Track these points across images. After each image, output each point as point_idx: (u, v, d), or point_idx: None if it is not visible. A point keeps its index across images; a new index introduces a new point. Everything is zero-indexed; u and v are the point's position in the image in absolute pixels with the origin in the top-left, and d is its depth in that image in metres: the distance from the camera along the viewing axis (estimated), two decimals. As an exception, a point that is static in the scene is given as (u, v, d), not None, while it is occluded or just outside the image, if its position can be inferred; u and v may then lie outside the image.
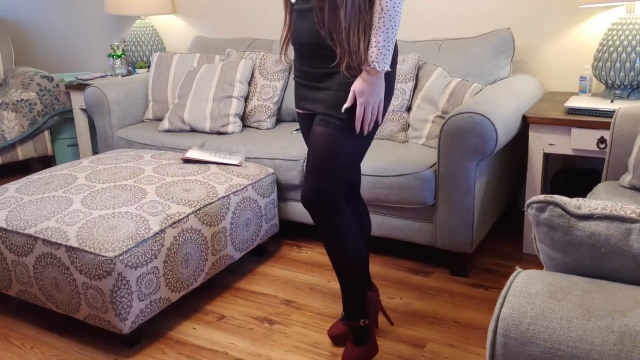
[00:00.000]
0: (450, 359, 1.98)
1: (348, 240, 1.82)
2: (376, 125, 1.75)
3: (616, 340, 0.87)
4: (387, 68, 1.63)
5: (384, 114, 1.76)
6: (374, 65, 1.61)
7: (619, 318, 0.89)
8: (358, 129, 1.70)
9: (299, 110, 1.91)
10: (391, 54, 1.64)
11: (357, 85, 1.66)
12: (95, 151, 4.04)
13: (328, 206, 1.78)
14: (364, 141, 1.78)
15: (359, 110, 1.67)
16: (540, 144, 2.53)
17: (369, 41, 1.62)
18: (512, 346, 0.94)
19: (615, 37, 2.54)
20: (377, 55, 1.61)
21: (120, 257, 1.95)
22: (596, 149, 2.40)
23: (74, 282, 2.02)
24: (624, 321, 0.88)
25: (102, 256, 1.94)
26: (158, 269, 2.08)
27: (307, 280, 2.53)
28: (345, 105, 1.67)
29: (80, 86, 3.84)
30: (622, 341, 0.87)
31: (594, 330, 0.89)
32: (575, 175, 2.85)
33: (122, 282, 1.96)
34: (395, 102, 2.81)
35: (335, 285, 2.47)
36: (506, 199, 2.87)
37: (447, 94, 2.67)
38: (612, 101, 2.51)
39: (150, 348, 2.10)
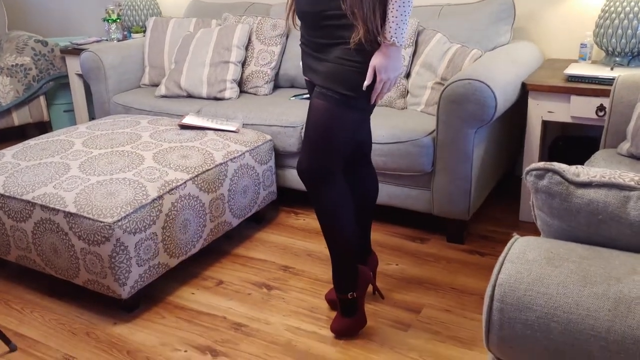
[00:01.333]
0: (445, 323, 2.01)
1: (339, 216, 1.82)
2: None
3: (611, 306, 0.88)
4: (405, 42, 1.62)
5: (366, 99, 1.74)
6: (392, 40, 1.60)
7: (614, 284, 0.90)
8: (373, 100, 1.71)
9: (305, 78, 1.90)
10: (407, 28, 1.62)
11: (377, 61, 1.64)
12: (91, 117, 4.02)
13: (321, 181, 1.77)
14: (363, 115, 1.77)
15: (377, 86, 1.67)
16: (539, 111, 2.53)
17: (384, 14, 1.61)
18: (509, 312, 0.95)
19: (617, 3, 2.51)
20: (396, 30, 1.59)
21: (119, 223, 1.95)
22: (595, 116, 2.39)
23: (73, 247, 2.03)
24: (620, 287, 0.89)
25: (101, 222, 1.94)
26: (156, 235, 2.09)
27: (304, 247, 2.55)
28: (366, 83, 1.66)
29: (76, 51, 3.79)
30: (617, 307, 0.88)
31: (590, 296, 0.90)
32: (573, 143, 2.85)
33: (120, 247, 1.97)
34: (394, 69, 2.79)
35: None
36: (504, 166, 2.87)
37: (446, 60, 2.65)
38: (612, 69, 2.49)
39: (149, 313, 2.13)
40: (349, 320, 1.93)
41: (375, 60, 1.64)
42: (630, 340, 0.86)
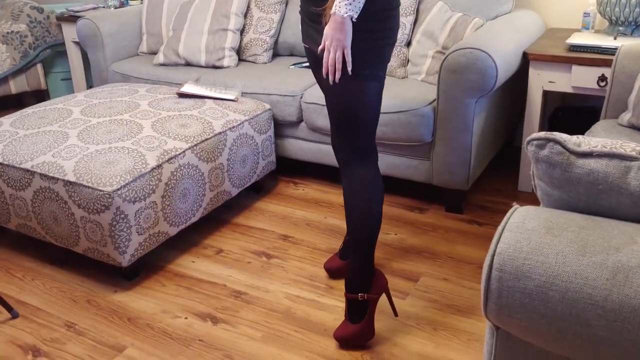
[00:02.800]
0: (443, 292, 2.03)
1: (376, 218, 1.74)
2: (373, 69, 1.66)
3: (609, 276, 0.89)
4: (348, 14, 1.56)
5: (378, 65, 1.66)
6: (334, 10, 1.57)
7: (613, 254, 0.91)
8: (324, 73, 1.62)
9: (305, 45, 1.87)
10: (359, 3, 1.56)
11: (325, 29, 1.62)
12: (89, 85, 3.98)
13: (350, 157, 1.72)
14: (376, 82, 1.69)
15: (324, 54, 1.62)
16: (540, 81, 2.51)
17: None
18: (507, 280, 0.96)
19: (622, -29, 2.47)
20: (340, 1, 1.56)
21: (118, 192, 1.95)
22: (596, 87, 2.37)
23: (73, 216, 2.03)
24: (618, 257, 0.90)
25: (100, 190, 1.94)
26: (156, 204, 2.09)
27: (303, 216, 2.56)
28: (320, 47, 1.63)
29: (72, 18, 3.74)
30: (615, 276, 0.88)
31: (589, 265, 0.91)
32: (573, 113, 2.84)
33: (120, 216, 1.97)
34: (394, 37, 2.76)
35: (331, 221, 2.50)
36: (503, 137, 2.87)
37: (447, 29, 2.62)
38: (615, 38, 2.46)
39: (149, 280, 2.14)
40: (355, 327, 1.76)
41: (325, 28, 1.62)
42: (627, 309, 0.86)
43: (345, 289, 1.78)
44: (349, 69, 1.60)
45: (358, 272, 1.76)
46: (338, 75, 1.60)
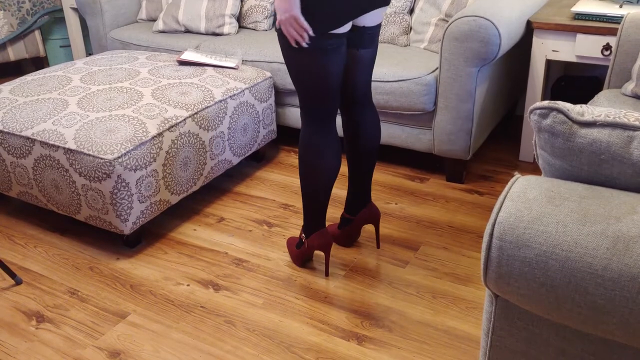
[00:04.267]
0: (443, 260, 2.04)
1: (308, 171, 1.83)
2: (316, 34, 1.63)
3: (609, 245, 0.89)
4: None
5: (325, 26, 1.62)
6: None
7: (613, 223, 0.91)
8: (292, 43, 1.63)
9: None
10: None
11: (275, 3, 1.61)
12: (88, 52, 3.95)
13: (303, 123, 1.82)
14: (312, 54, 1.66)
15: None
16: (544, 50, 2.48)
17: None
18: (508, 249, 0.97)
19: (630, -64, 2.42)
20: None
21: (119, 160, 1.95)
22: (600, 56, 2.35)
23: (74, 184, 2.04)
24: (619, 227, 0.90)
25: (101, 158, 1.94)
26: (157, 172, 2.09)
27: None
28: (277, 23, 1.64)
29: (70, -17, 3.68)
30: (615, 245, 0.89)
31: (589, 234, 0.91)
32: (576, 82, 2.82)
33: (121, 184, 1.98)
34: (397, 4, 2.73)
35: (332, 190, 2.51)
36: (505, 106, 2.85)
37: (451, -4, 2.58)
38: (620, 6, 2.43)
39: (151, 248, 2.16)
40: (294, 249, 2.03)
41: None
42: (626, 278, 0.87)
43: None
44: (310, 32, 1.60)
45: (304, 215, 1.93)
46: (303, 40, 1.61)
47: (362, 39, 1.76)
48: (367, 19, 1.72)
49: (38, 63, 4.05)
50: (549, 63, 2.58)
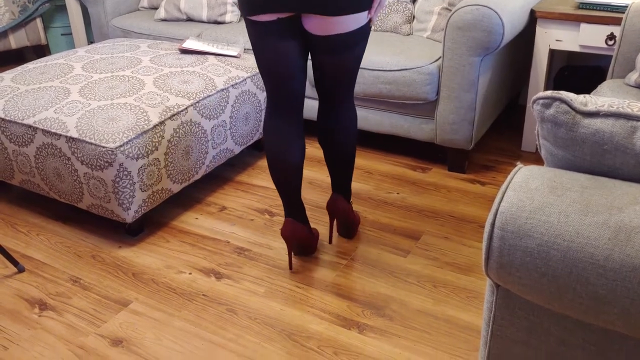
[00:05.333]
0: (444, 250, 2.04)
1: (269, 156, 1.83)
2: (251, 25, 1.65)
3: (611, 235, 0.89)
4: None
5: (242, 11, 1.64)
6: None
7: (615, 214, 0.91)
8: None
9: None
10: None
11: None
12: (90, 41, 3.93)
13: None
14: (252, 39, 1.70)
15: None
16: (547, 39, 2.47)
17: None
18: (509, 239, 0.97)
19: None
20: None
21: (121, 148, 1.95)
22: (604, 45, 2.34)
23: (76, 172, 2.04)
24: (621, 217, 0.90)
25: (103, 147, 1.94)
26: (159, 161, 2.09)
27: (305, 175, 2.56)
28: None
29: (71, -29, 3.66)
30: (617, 236, 0.89)
31: (591, 225, 0.91)
32: (579, 72, 2.81)
33: (123, 172, 1.98)
34: (400, -7, 2.71)
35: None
36: (508, 96, 2.84)
37: (454, -16, 2.57)
38: (625, -5, 2.41)
39: (153, 237, 2.16)
40: None
41: None
42: (627, 268, 0.87)
43: None
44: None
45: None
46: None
47: (313, 45, 1.68)
48: (308, 24, 1.62)
49: (39, 51, 4.04)
50: (552, 53, 2.57)
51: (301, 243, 1.95)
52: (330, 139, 1.89)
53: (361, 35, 1.66)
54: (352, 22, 1.60)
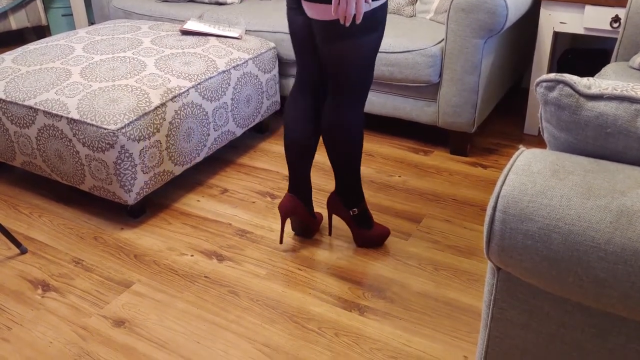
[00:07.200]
0: (445, 233, 2.05)
1: (284, 126, 1.87)
2: None
3: (613, 219, 0.89)
4: None
5: None
6: None
7: (618, 198, 0.91)
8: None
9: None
10: None
11: None
12: (91, 22, 3.91)
13: None
14: None
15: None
16: (551, 22, 2.45)
17: None
18: (511, 222, 0.96)
19: None
20: None
21: (123, 130, 1.95)
22: (609, 28, 2.32)
23: (77, 154, 2.04)
24: (623, 201, 0.90)
25: (105, 129, 1.94)
26: (160, 143, 2.09)
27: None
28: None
29: (71, -50, 3.63)
30: (619, 219, 0.89)
31: (593, 208, 0.91)
32: (583, 55, 2.78)
33: (125, 154, 1.97)
34: (403, -26, 2.68)
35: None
36: (511, 79, 2.83)
37: (458, -35, 2.54)
38: (630, -23, 2.39)
39: (155, 219, 2.17)
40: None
41: None
42: (629, 252, 0.87)
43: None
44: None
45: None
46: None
47: (314, 29, 1.65)
48: (305, 6, 1.59)
49: (40, 32, 4.01)
50: (556, 35, 2.55)
51: (299, 220, 1.96)
52: (324, 136, 1.80)
53: (343, 29, 1.57)
54: (321, 11, 1.55)
